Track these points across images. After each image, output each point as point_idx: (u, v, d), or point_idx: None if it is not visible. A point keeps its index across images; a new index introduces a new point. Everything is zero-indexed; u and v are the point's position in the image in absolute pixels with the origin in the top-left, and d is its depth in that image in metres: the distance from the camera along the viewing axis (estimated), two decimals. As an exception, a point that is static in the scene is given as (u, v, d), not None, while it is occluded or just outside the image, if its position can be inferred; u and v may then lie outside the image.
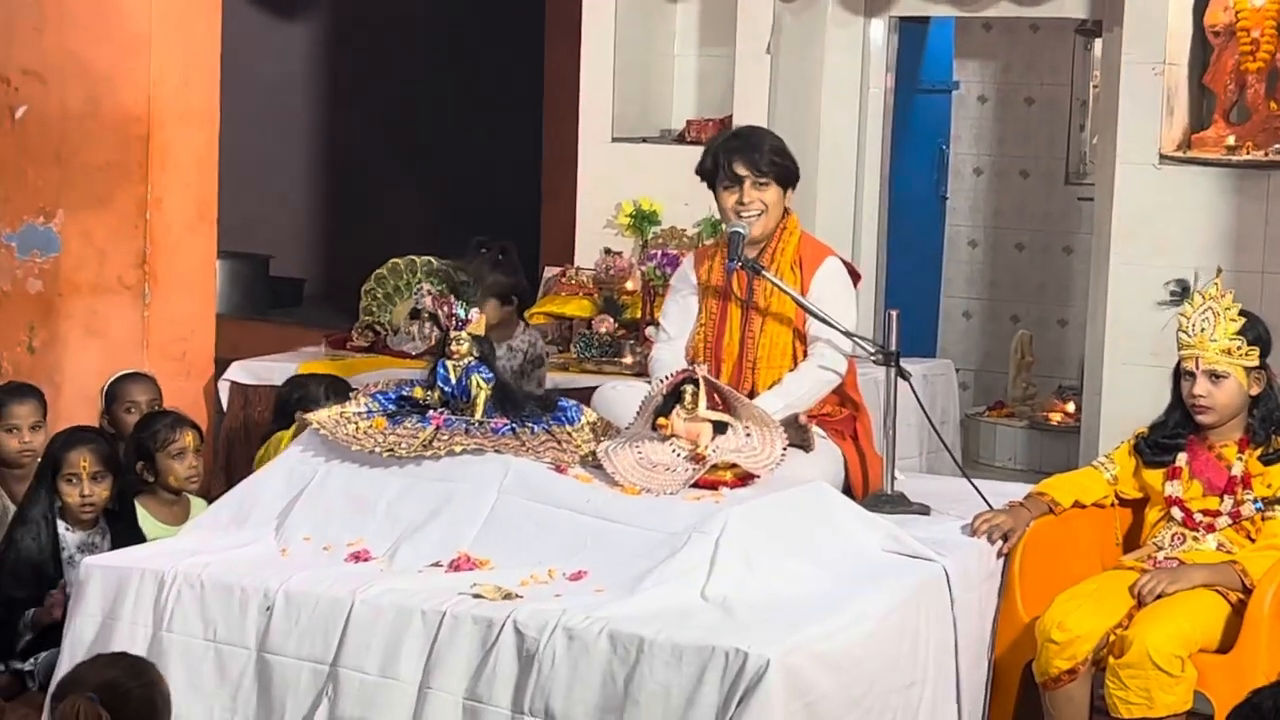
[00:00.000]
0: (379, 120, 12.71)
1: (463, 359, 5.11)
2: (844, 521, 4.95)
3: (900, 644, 4.59)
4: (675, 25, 9.03)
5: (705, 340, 5.61)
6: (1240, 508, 5.12)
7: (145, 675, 3.81)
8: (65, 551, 5.77)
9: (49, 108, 7.68)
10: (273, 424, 6.77)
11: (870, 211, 8.94)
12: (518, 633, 4.31)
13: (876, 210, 8.97)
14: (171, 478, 6.10)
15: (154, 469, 6.11)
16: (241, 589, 4.60)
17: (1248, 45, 7.73)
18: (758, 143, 5.58)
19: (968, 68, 10.63)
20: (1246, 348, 5.11)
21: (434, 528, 4.79)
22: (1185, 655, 4.81)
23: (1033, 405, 9.70)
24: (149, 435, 6.17)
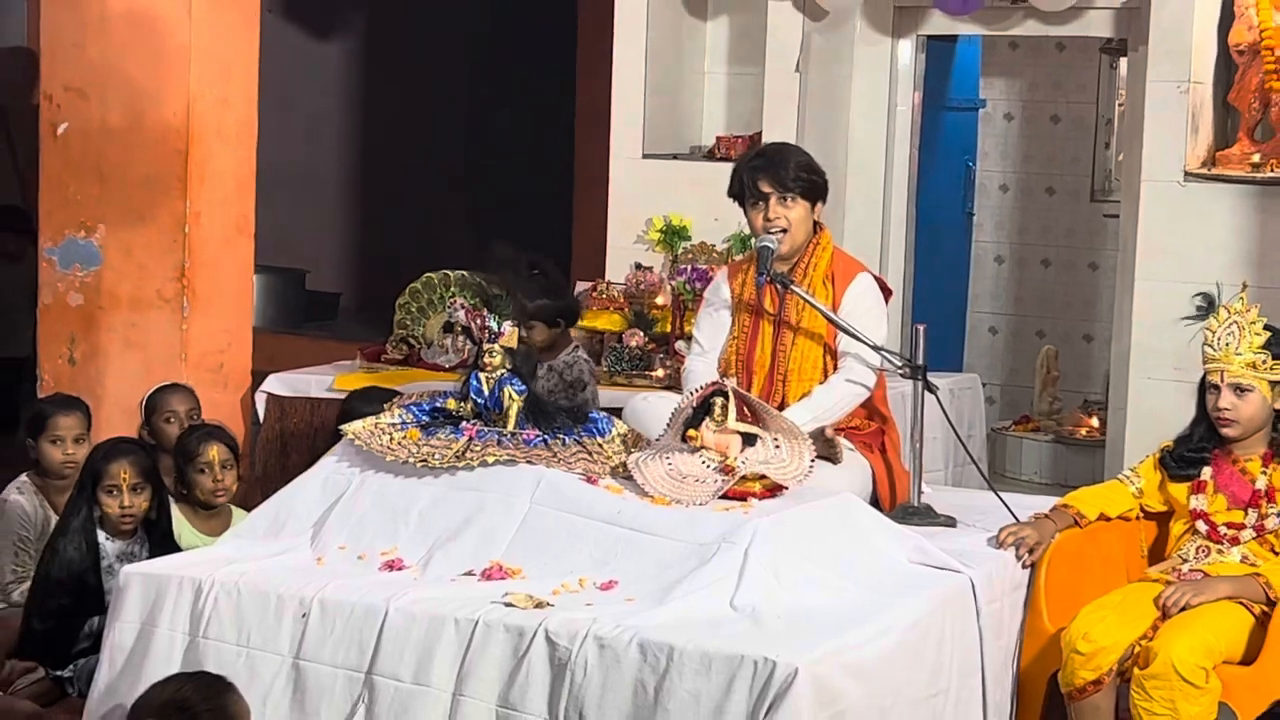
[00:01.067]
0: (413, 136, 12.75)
1: (495, 371, 5.11)
2: (871, 533, 4.95)
3: (926, 654, 4.58)
4: (706, 43, 9.04)
5: (738, 353, 5.61)
6: (1264, 521, 5.11)
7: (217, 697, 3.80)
8: (105, 561, 5.78)
9: (90, 123, 7.72)
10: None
11: (898, 227, 8.94)
12: (549, 641, 4.31)
13: (904, 226, 8.97)
14: (198, 491, 6.12)
15: (185, 482, 6.14)
16: (277, 597, 4.61)
17: (1272, 64, 7.72)
18: (783, 160, 5.58)
19: (994, 86, 10.62)
20: (1271, 361, 5.10)
21: (467, 537, 4.79)
22: (1210, 667, 4.79)
23: (1058, 419, 9.68)
24: (181, 449, 6.20)
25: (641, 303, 8.11)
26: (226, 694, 3.81)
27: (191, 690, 3.79)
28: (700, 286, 7.63)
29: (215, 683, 3.86)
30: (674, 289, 8.03)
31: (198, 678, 3.91)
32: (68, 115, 7.76)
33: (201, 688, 3.81)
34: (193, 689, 3.80)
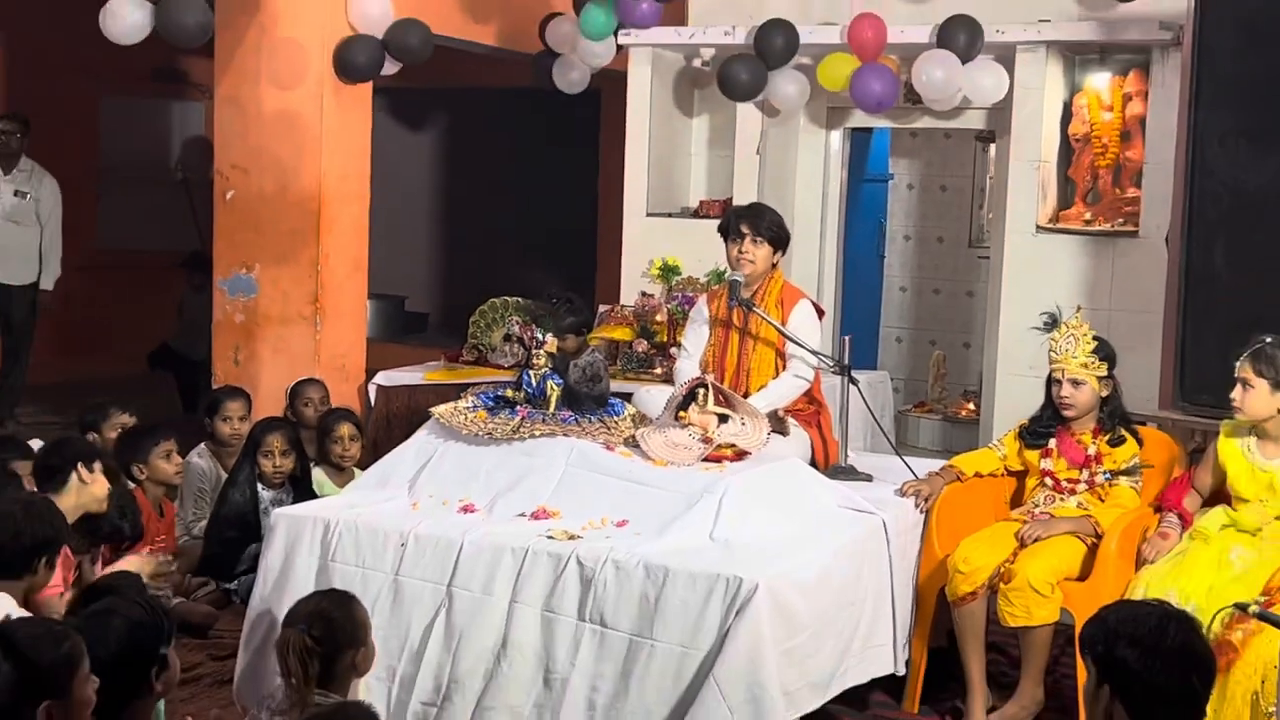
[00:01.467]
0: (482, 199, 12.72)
1: (541, 369, 5.11)
2: (811, 486, 4.94)
3: (850, 574, 4.58)
4: (692, 133, 9.01)
5: (714, 356, 5.60)
6: (1094, 477, 5.11)
7: (346, 605, 3.80)
8: (262, 505, 5.80)
9: (250, 191, 7.75)
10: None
11: (830, 267, 8.91)
12: (579, 564, 4.31)
13: (835, 266, 8.94)
14: (332, 455, 6.15)
15: (322, 450, 6.15)
16: (384, 532, 4.61)
17: (1100, 148, 7.71)
18: (761, 214, 5.55)
19: (900, 164, 10.59)
20: (1098, 362, 5.10)
21: (520, 489, 4.80)
22: (1054, 581, 4.79)
23: (945, 404, 9.65)
24: (322, 426, 6.22)
25: (646, 320, 8.09)
26: (352, 604, 3.81)
27: (328, 602, 3.79)
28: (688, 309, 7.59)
29: (344, 596, 3.86)
30: (669, 310, 8.02)
31: (331, 593, 3.92)
32: (234, 185, 7.78)
33: (335, 600, 3.81)
34: (328, 601, 3.80)
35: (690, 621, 4.13)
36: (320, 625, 3.64)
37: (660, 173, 8.79)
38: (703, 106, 8.98)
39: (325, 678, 3.63)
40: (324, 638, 3.62)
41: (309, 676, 3.58)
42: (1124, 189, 7.71)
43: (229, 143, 7.80)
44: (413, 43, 7.84)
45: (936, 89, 7.62)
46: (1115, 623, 2.97)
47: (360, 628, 3.74)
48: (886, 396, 8.39)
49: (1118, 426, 5.12)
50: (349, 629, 3.70)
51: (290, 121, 7.67)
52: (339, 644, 3.65)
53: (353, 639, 3.69)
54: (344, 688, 3.68)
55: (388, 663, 4.48)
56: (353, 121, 7.90)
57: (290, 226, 7.72)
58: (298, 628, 3.63)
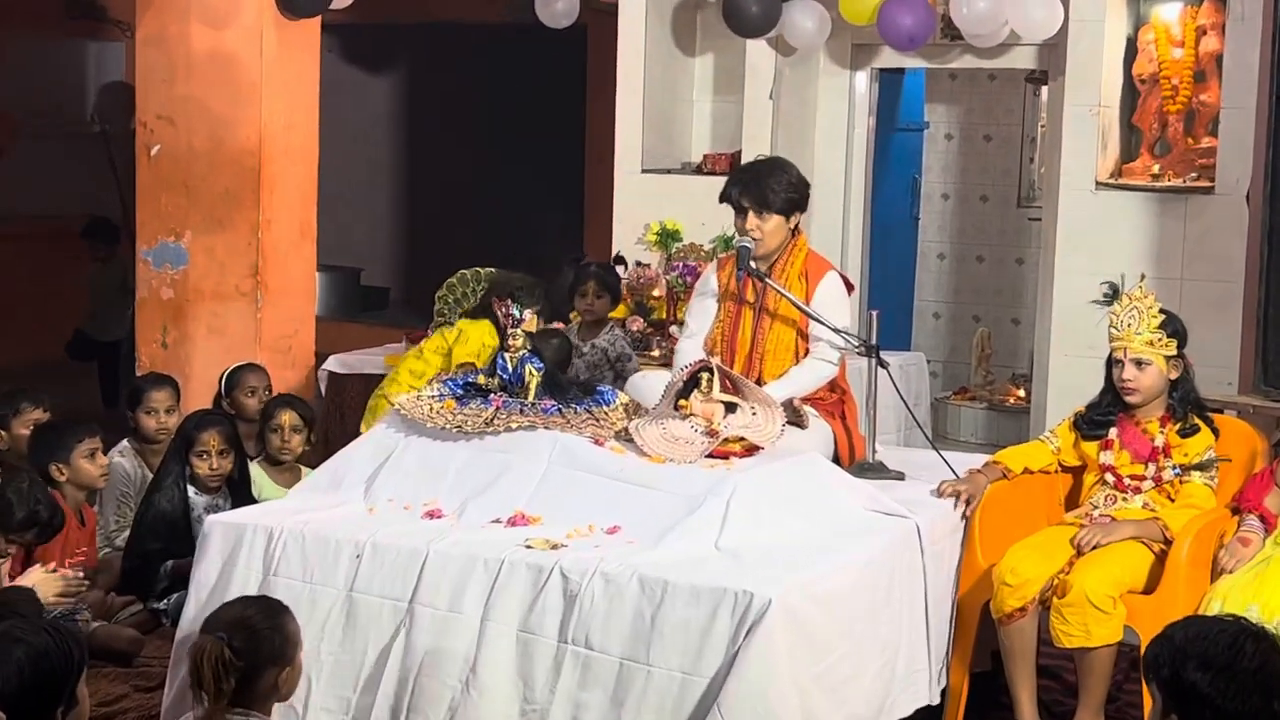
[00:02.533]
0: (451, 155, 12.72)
1: (518, 351, 5.10)
2: (833, 485, 4.93)
3: (879, 586, 4.57)
4: (694, 75, 9.02)
5: (723, 335, 5.58)
6: (1162, 473, 5.10)
7: (274, 616, 3.79)
8: (194, 512, 5.81)
9: (178, 146, 7.74)
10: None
11: (855, 230, 8.93)
12: (563, 576, 4.30)
13: (861, 229, 8.96)
14: (269, 447, 6.17)
15: (262, 441, 6.17)
16: (335, 541, 4.60)
17: (1169, 91, 7.71)
18: (764, 181, 5.48)
19: (936, 110, 10.60)
20: (1166, 339, 5.09)
21: (495, 491, 4.78)
22: (1116, 595, 4.79)
23: (991, 390, 9.67)
24: (264, 412, 6.24)
25: (642, 294, 8.11)
26: (282, 614, 3.80)
27: (254, 610, 3.78)
28: (691, 280, 7.62)
29: (273, 605, 3.86)
30: (668, 282, 8.03)
31: (259, 600, 3.92)
32: (159, 139, 7.77)
33: (262, 609, 3.81)
34: (255, 609, 3.79)
35: (692, 643, 4.12)
36: (243, 635, 3.63)
37: (657, 123, 8.79)
38: (706, 44, 8.98)
39: (243, 696, 3.61)
40: (245, 650, 3.61)
41: (222, 691, 3.57)
42: (1197, 138, 7.71)
43: (153, 90, 7.78)
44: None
45: (979, 22, 7.62)
46: (1183, 641, 2.98)
47: (289, 643, 3.73)
48: (922, 382, 8.41)
49: (1189, 414, 5.12)
50: (275, 643, 3.69)
51: (224, 65, 7.65)
52: (261, 659, 3.64)
53: (278, 655, 3.68)
54: (264, 711, 3.67)
55: (339, 692, 4.47)
56: (297, 64, 7.88)
57: (225, 187, 7.71)
58: (216, 635, 3.62)
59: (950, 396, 9.76)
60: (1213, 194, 7.44)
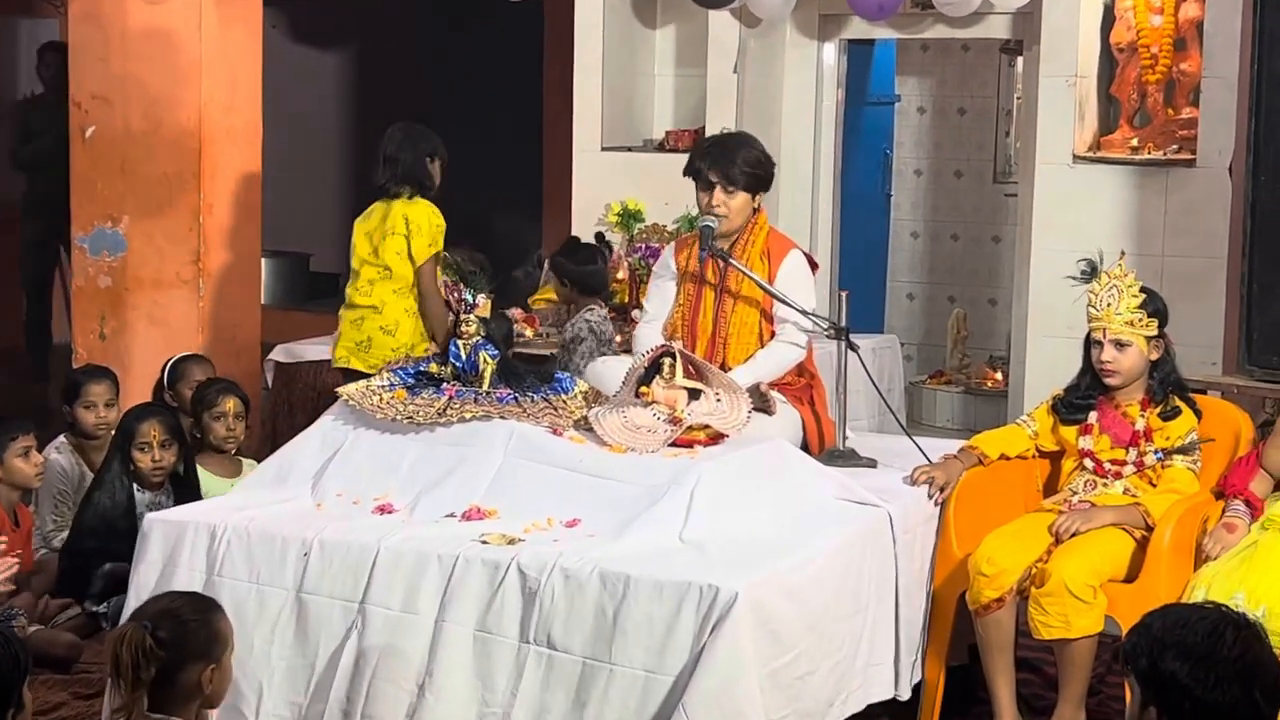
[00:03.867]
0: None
1: (472, 338, 5.09)
2: (801, 473, 4.94)
3: (848, 578, 4.58)
4: (655, 48, 9.02)
5: (683, 319, 5.58)
6: (1143, 458, 5.12)
7: (204, 611, 3.76)
8: (138, 509, 5.77)
9: (114, 127, 7.70)
10: None
11: (825, 208, 8.94)
12: (521, 573, 4.30)
13: (830, 207, 8.97)
14: (212, 436, 6.15)
15: (200, 428, 6.14)
16: (282, 538, 4.59)
17: (1148, 60, 7.73)
18: (731, 153, 5.49)
19: (908, 83, 10.61)
20: (1147, 319, 5.10)
21: (449, 484, 4.77)
22: (1097, 584, 4.81)
23: (967, 373, 9.70)
24: (199, 398, 6.20)
25: (603, 277, 8.09)
26: (214, 611, 3.78)
27: (183, 603, 3.76)
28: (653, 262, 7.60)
29: (205, 600, 3.84)
30: (630, 265, 8.03)
31: (189, 594, 3.90)
32: (95, 120, 7.73)
33: (193, 602, 3.79)
34: (184, 602, 3.77)
35: (656, 640, 4.12)
36: (168, 625, 3.60)
37: (617, 98, 8.78)
38: (668, 16, 8.98)
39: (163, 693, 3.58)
40: (169, 640, 3.57)
41: (140, 680, 3.54)
42: (1178, 109, 7.74)
43: (87, 68, 7.73)
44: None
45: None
46: (1161, 631, 2.99)
47: (216, 641, 3.69)
48: (895, 365, 8.44)
49: (1171, 396, 5.14)
50: (201, 637, 3.65)
51: (162, 41, 7.61)
52: (186, 653, 3.60)
53: (204, 651, 3.64)
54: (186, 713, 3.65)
55: (291, 698, 4.47)
56: (239, 40, 7.85)
57: (165, 170, 7.67)
58: (140, 623, 3.60)
59: (925, 380, 9.79)
60: (1194, 167, 7.47)
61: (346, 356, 6.60)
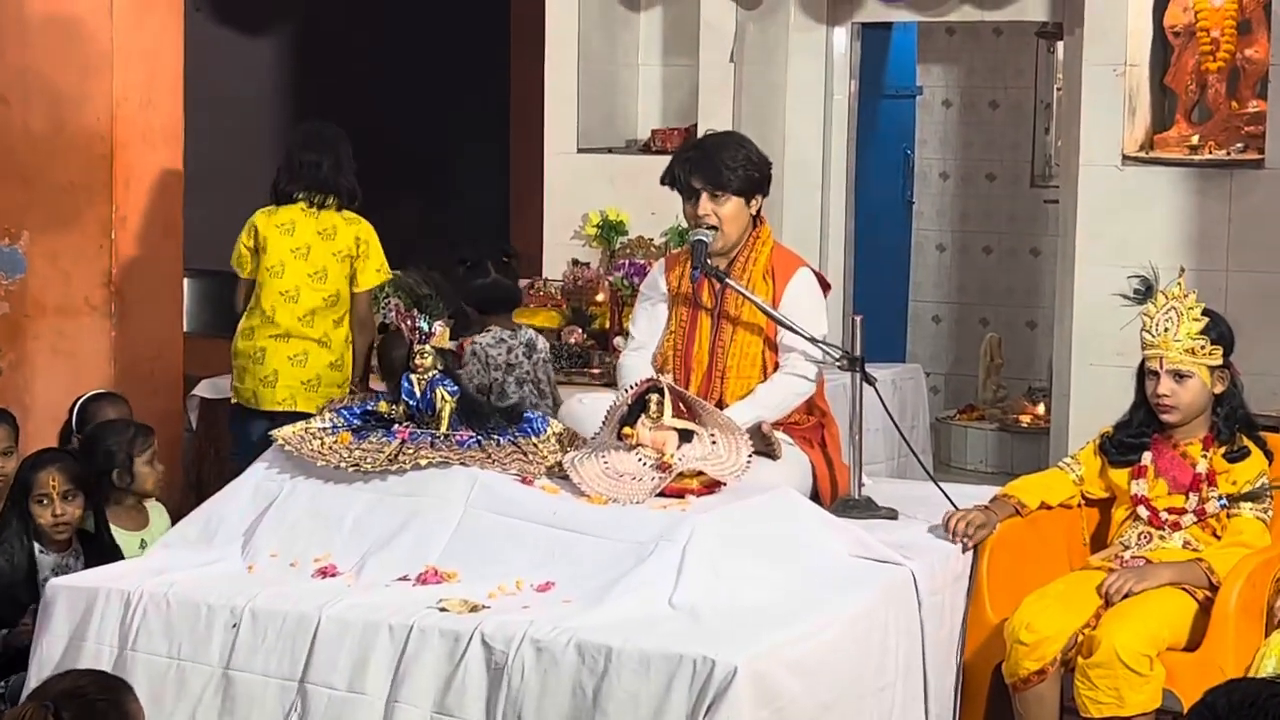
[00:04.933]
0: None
1: (427, 372, 5.09)
2: (811, 527, 4.94)
3: (868, 648, 4.59)
4: (639, 35, 9.05)
5: (675, 348, 5.60)
6: (1205, 505, 5.13)
7: (113, 692, 3.76)
8: (41, 574, 5.72)
9: (12, 128, 7.69)
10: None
11: (837, 218, 8.96)
12: (485, 645, 4.29)
13: (843, 216, 8.99)
14: (148, 483, 6.08)
15: (130, 475, 6.08)
16: (207, 606, 4.58)
17: (1208, 45, 7.76)
18: (717, 155, 5.52)
19: (931, 72, 10.66)
20: (1210, 347, 5.12)
21: (401, 542, 4.77)
22: (1153, 654, 4.82)
23: (1003, 408, 9.73)
24: (123, 441, 6.14)
25: (579, 299, 8.12)
26: (123, 692, 3.78)
27: (89, 682, 3.76)
28: (638, 282, 7.62)
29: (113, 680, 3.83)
30: (612, 284, 8.05)
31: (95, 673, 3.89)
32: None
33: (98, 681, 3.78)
34: (90, 681, 3.77)
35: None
36: (74, 708, 3.60)
37: (595, 93, 8.81)
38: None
39: None
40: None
41: None
42: (1243, 101, 7.77)
43: (-21, 61, 7.75)
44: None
45: (979, -34, 7.67)
46: (1227, 710, 2.99)
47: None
48: (919, 399, 8.46)
49: (1238, 434, 5.16)
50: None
51: (66, 29, 7.63)
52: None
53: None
54: None
55: (216, 794, 4.48)
56: (157, 26, 7.87)
57: (70, 178, 7.68)
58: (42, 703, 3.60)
59: (954, 416, 9.82)
60: (1262, 168, 7.51)
61: (291, 398, 6.61)
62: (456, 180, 11.93)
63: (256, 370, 6.77)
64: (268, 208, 6.93)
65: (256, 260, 6.85)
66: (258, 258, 6.84)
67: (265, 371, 6.75)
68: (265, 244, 6.80)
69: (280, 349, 6.71)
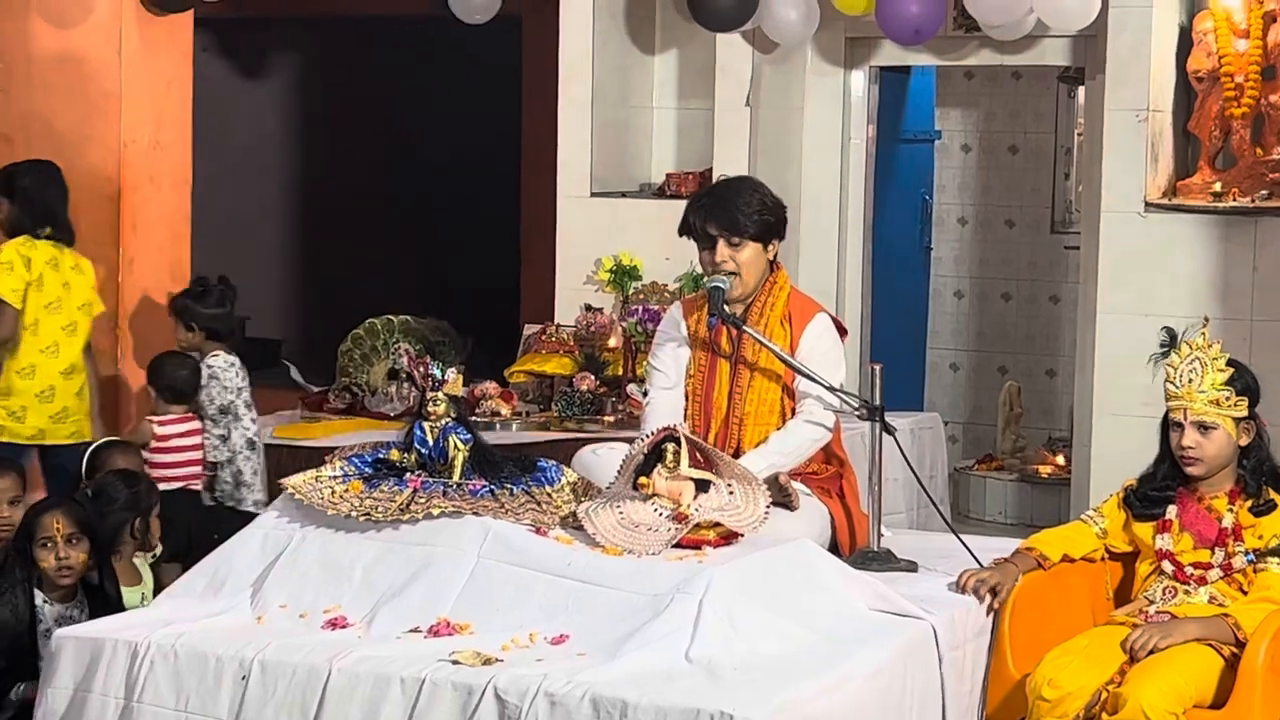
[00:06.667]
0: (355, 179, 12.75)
1: (440, 420, 5.10)
2: (830, 580, 4.94)
3: (887, 704, 4.58)
4: (653, 78, 9.08)
5: (695, 394, 5.62)
6: (1232, 560, 5.13)
7: None
8: (43, 624, 5.71)
9: (18, 171, 7.71)
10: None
11: (854, 263, 8.98)
12: (499, 699, 4.29)
13: (860, 262, 9.01)
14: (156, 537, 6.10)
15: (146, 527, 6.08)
16: (216, 658, 4.58)
17: (1232, 90, 7.79)
18: (732, 202, 5.55)
19: (950, 116, 10.69)
20: (1235, 398, 5.13)
21: (412, 593, 4.77)
22: (1180, 711, 4.81)
23: (1022, 458, 9.73)
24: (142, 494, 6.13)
25: (592, 345, 8.13)
26: None
27: None
28: (652, 327, 7.64)
29: None
30: (625, 330, 8.05)
31: None
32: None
33: None
34: None
35: (659, 779, 4.14)
36: None
37: (609, 136, 8.85)
38: (668, 40, 9.05)
39: None
40: None
41: None
42: (1268, 148, 7.79)
43: (-13, 102, 7.79)
44: (250, -46, 7.88)
45: (998, 9, 7.71)
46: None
47: None
48: (938, 448, 8.45)
49: (1264, 487, 5.16)
50: None
51: (74, 71, 7.67)
52: None
53: None
54: None
55: None
56: (165, 68, 7.90)
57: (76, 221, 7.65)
58: None
59: (973, 466, 9.81)
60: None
61: (78, 430, 7.24)
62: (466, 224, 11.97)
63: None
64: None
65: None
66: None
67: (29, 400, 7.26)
68: (44, 276, 7.19)
69: (64, 384, 7.22)
